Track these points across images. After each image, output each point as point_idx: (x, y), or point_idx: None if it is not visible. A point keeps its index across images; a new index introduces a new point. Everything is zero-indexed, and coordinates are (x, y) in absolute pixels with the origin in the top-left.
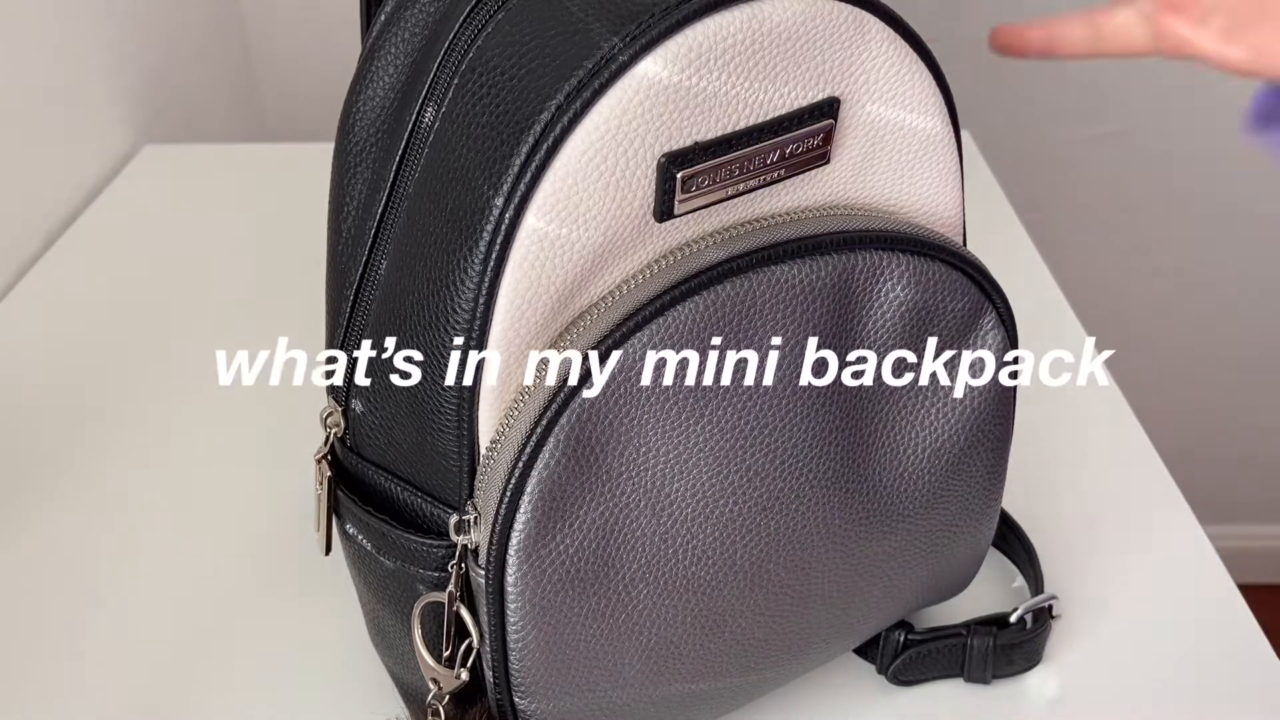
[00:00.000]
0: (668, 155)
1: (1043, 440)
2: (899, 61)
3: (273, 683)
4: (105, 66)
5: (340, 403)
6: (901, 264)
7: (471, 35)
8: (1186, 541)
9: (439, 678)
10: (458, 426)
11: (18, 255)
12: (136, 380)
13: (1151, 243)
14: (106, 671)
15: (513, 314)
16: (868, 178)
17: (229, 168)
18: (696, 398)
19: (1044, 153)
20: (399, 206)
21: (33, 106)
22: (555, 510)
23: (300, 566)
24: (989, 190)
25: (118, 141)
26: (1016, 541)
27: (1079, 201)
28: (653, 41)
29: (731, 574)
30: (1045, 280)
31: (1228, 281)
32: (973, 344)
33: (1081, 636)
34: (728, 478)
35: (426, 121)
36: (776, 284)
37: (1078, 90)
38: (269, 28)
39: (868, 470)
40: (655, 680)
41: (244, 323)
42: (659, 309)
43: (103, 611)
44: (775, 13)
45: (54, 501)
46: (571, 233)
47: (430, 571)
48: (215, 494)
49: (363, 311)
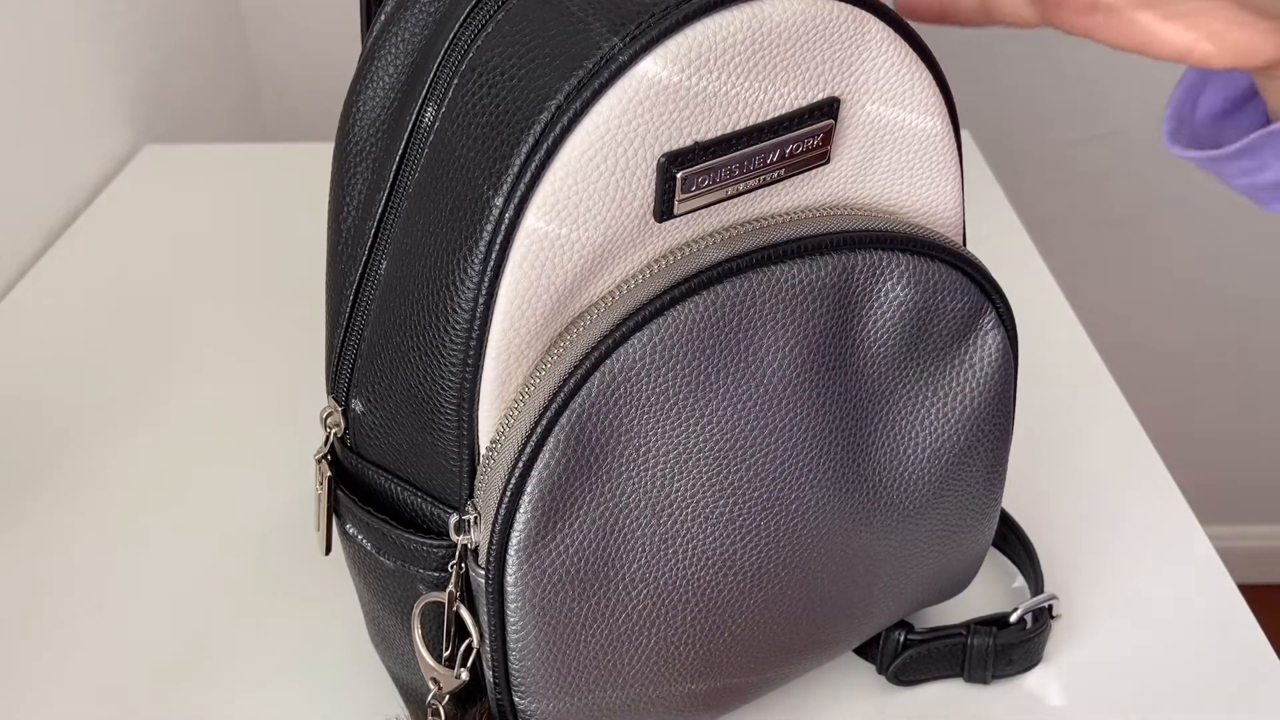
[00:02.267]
0: (667, 155)
1: (1043, 440)
2: (899, 61)
3: (273, 683)
4: (105, 66)
5: (340, 402)
6: (901, 264)
7: (471, 35)
8: (1186, 541)
9: (439, 678)
10: (458, 426)
11: (18, 255)
12: (136, 380)
13: (1151, 243)
14: (106, 671)
15: (513, 314)
16: (868, 178)
17: (229, 168)
18: (696, 398)
19: (1044, 153)
20: (399, 206)
21: (33, 106)
22: (555, 510)
23: (300, 566)
24: (989, 190)
25: (118, 141)
26: (1016, 541)
27: (1079, 201)
28: (653, 41)
29: (731, 574)
30: (1045, 280)
31: (1228, 281)
32: (973, 344)
33: (1081, 636)
34: (728, 478)
35: (426, 121)
36: (776, 284)
37: (1078, 90)
38: (269, 28)
39: (868, 470)
40: (655, 680)
41: (244, 322)
42: (659, 309)
43: (102, 611)
44: (775, 12)
45: (54, 501)
46: (571, 232)
47: (430, 571)
48: (215, 494)
49: (363, 311)
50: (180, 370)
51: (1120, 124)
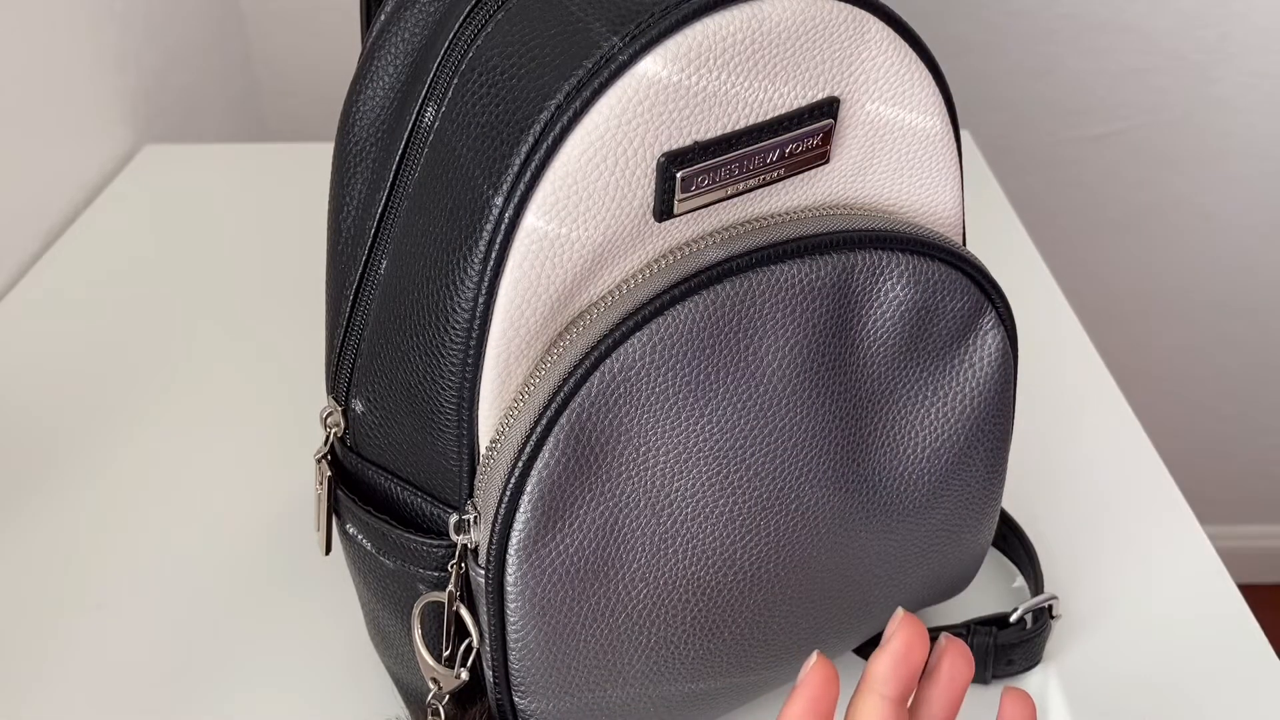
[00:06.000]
0: (667, 155)
1: (1043, 440)
2: (899, 61)
3: (273, 683)
4: (105, 66)
5: (340, 402)
6: (901, 263)
7: (471, 35)
8: (1186, 541)
9: (439, 677)
10: (458, 426)
11: (18, 255)
12: (136, 380)
13: (1151, 243)
14: (106, 671)
15: (512, 313)
16: (867, 177)
17: (229, 168)
18: (696, 397)
19: (1044, 153)
20: (399, 206)
21: (33, 106)
22: (555, 510)
23: (300, 566)
24: (989, 190)
25: (118, 141)
26: (1016, 541)
27: (1079, 201)
28: (653, 41)
29: (731, 573)
30: (1045, 280)
31: (1228, 281)
32: (972, 344)
33: (1081, 636)
34: (728, 477)
35: (426, 121)
36: (776, 284)
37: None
38: (269, 28)
39: (868, 469)
40: (655, 680)
41: (244, 322)
42: (659, 308)
43: (102, 611)
44: (775, 12)
45: (53, 501)
46: (571, 232)
47: (430, 571)
48: (215, 493)
49: (363, 311)
50: (180, 370)
51: (1120, 124)
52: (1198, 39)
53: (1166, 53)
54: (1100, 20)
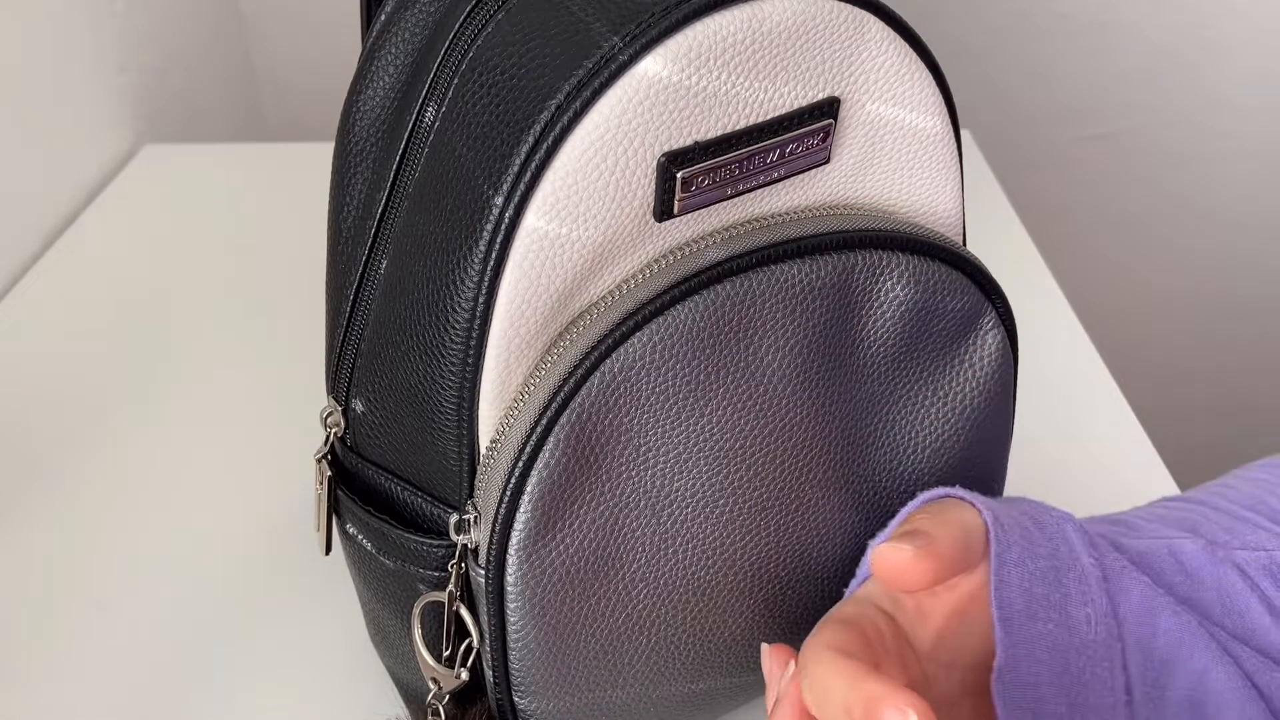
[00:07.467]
0: (668, 154)
1: (1043, 440)
2: (899, 61)
3: (272, 683)
4: (105, 66)
5: (340, 402)
6: (901, 263)
7: (472, 35)
8: None
9: (439, 677)
10: (458, 426)
11: (18, 255)
12: (136, 380)
13: (1151, 243)
14: (106, 672)
15: (513, 313)
16: (868, 177)
17: (229, 168)
18: (697, 397)
19: (1044, 153)
20: (399, 206)
21: (33, 106)
22: (555, 510)
23: (300, 566)
24: (989, 190)
25: (118, 141)
26: None
27: (1079, 201)
28: (653, 40)
29: (732, 573)
30: (1045, 280)
31: (1228, 281)
32: (973, 344)
33: None
34: (728, 477)
35: (427, 121)
36: (776, 284)
37: (1077, 90)
38: (269, 28)
39: (868, 470)
40: (655, 680)
41: (244, 322)
42: (659, 308)
43: (102, 611)
44: (775, 12)
45: (53, 501)
46: (572, 232)
47: (430, 571)
48: (215, 494)
49: (363, 311)
50: (180, 370)
51: (1120, 124)
52: (1198, 39)
53: (1166, 53)
54: (1100, 20)
